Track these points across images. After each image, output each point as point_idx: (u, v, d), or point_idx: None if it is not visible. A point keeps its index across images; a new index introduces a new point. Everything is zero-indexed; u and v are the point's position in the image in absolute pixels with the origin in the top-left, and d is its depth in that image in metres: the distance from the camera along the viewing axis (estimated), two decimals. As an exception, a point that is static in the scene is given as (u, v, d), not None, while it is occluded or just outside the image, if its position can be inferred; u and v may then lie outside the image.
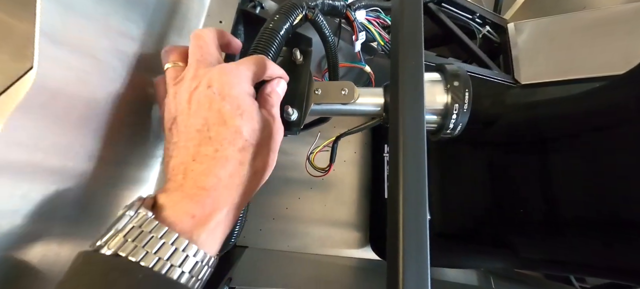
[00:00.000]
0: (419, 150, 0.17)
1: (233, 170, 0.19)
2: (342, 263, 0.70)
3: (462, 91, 0.29)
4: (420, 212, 0.16)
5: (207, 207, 0.18)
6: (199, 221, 0.17)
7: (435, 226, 0.76)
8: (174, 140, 0.19)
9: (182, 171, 0.18)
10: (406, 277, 0.14)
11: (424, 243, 0.15)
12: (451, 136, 0.33)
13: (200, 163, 0.18)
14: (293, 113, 0.30)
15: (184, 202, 0.18)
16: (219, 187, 0.18)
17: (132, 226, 0.16)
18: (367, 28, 0.48)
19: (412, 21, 0.21)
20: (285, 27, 0.27)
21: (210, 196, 0.18)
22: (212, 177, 0.18)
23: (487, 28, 0.68)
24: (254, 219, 0.70)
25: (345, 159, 0.82)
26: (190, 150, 0.18)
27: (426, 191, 0.17)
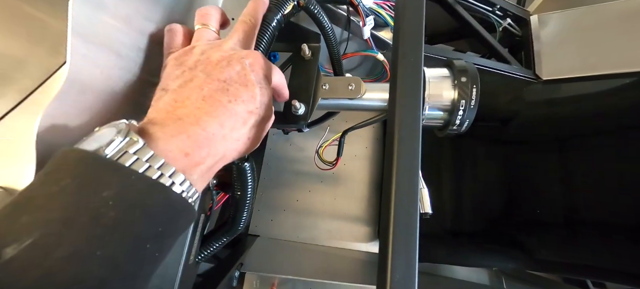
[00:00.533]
0: (413, 145, 0.17)
1: (235, 125, 0.19)
2: (350, 256, 0.71)
3: (469, 86, 0.29)
4: (411, 205, 0.16)
5: (203, 149, 0.18)
6: (192, 160, 0.17)
7: (447, 223, 0.75)
8: (186, 79, 0.19)
9: (186, 105, 0.18)
10: (394, 265, 0.15)
11: (413, 233, 0.16)
12: (458, 132, 0.32)
13: (209, 105, 0.18)
14: (300, 107, 0.31)
15: (181, 138, 0.17)
16: (218, 135, 0.18)
17: (120, 148, 0.15)
18: (378, 13, 0.48)
19: (414, 17, 0.21)
20: (276, 18, 0.28)
21: (208, 140, 0.18)
22: (216, 123, 0.18)
23: (508, 21, 0.65)
24: (265, 210, 0.72)
25: (356, 154, 0.82)
26: (204, 91, 0.18)
27: (418, 184, 0.17)
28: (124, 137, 0.15)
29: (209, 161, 0.18)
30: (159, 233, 0.14)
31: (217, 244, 0.33)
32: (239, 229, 0.32)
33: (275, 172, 0.76)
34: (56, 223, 0.12)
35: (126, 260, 0.13)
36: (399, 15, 0.22)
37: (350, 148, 0.81)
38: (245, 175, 0.30)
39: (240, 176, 0.30)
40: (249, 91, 0.20)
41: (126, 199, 0.13)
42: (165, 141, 0.16)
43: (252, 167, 0.30)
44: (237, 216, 0.31)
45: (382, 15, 0.48)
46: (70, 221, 0.12)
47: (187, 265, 0.28)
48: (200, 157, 0.18)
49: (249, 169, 0.30)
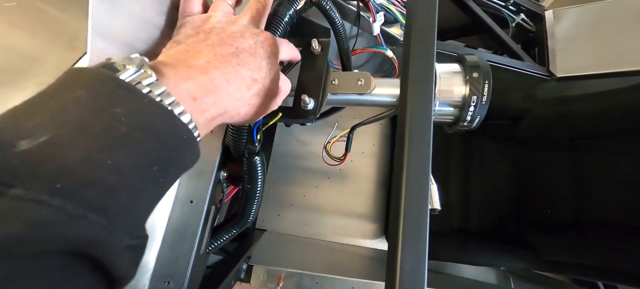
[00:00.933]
0: (424, 141, 0.17)
1: (239, 86, 0.20)
2: (356, 252, 0.71)
3: (481, 82, 0.28)
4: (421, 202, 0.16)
5: (209, 98, 0.18)
6: (198, 106, 0.17)
7: (455, 221, 0.75)
8: (200, 39, 0.20)
9: (198, 56, 0.19)
10: (403, 259, 0.15)
11: (423, 229, 0.16)
12: (469, 128, 0.32)
13: (219, 62, 0.19)
14: (309, 102, 0.32)
15: (190, 82, 0.17)
16: (223, 89, 0.19)
17: (133, 78, 0.15)
18: (388, 8, 0.47)
19: (426, 12, 0.21)
20: (288, 13, 0.28)
21: (214, 90, 0.18)
22: (223, 78, 0.19)
23: (521, 16, 0.64)
24: (272, 205, 0.73)
25: (364, 150, 0.82)
26: (216, 50, 0.20)
27: (428, 181, 0.17)
28: (139, 69, 0.15)
29: (213, 110, 0.19)
30: (165, 158, 0.15)
31: (227, 236, 0.33)
32: (248, 222, 0.33)
33: (282, 167, 0.77)
34: (70, 127, 0.12)
35: (133, 175, 0.13)
36: (411, 9, 0.22)
37: (357, 145, 0.81)
38: (256, 169, 0.30)
39: (250, 170, 0.30)
40: (256, 61, 0.21)
41: (137, 118, 0.14)
42: (176, 82, 0.17)
43: (262, 161, 0.30)
44: (246, 209, 0.32)
45: (392, 11, 0.48)
46: (84, 128, 0.12)
47: (198, 256, 0.29)
48: (206, 104, 0.18)
49: (259, 163, 0.30)
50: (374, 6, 0.40)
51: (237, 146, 0.29)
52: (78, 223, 0.11)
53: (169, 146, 0.15)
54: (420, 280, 0.15)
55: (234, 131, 0.29)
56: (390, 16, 0.49)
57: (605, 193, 0.57)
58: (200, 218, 0.28)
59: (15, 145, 0.11)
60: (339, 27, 0.35)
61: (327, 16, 0.34)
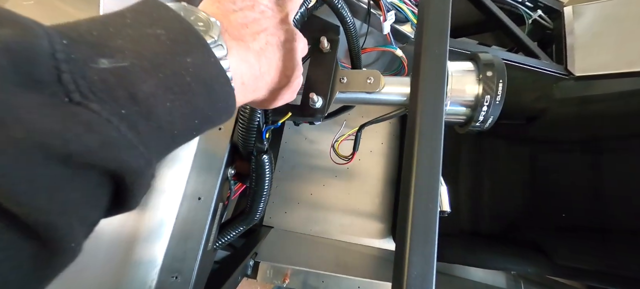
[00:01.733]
0: (435, 140, 0.17)
1: (275, 78, 0.21)
2: (363, 251, 0.71)
3: (495, 81, 0.27)
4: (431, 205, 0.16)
5: (252, 84, 0.19)
6: (243, 90, 0.18)
7: (464, 223, 0.73)
8: (255, 16, 0.20)
9: (256, 39, 0.19)
10: (411, 261, 0.14)
11: (432, 232, 0.15)
12: (481, 129, 0.31)
13: (270, 51, 0.20)
14: (318, 100, 0.31)
15: (245, 66, 0.18)
16: (263, 79, 0.20)
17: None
18: (399, 7, 0.46)
19: (440, 8, 0.20)
20: (300, 11, 0.28)
21: (259, 78, 0.19)
22: (267, 67, 0.20)
23: (538, 13, 0.62)
24: (279, 202, 0.74)
25: (372, 149, 0.81)
26: (269, 36, 0.20)
27: (439, 182, 0.17)
28: (216, 39, 0.16)
29: (248, 96, 0.20)
30: (208, 116, 0.16)
31: (234, 233, 0.33)
32: (255, 219, 0.33)
33: (289, 165, 0.77)
34: (147, 61, 0.13)
35: (179, 120, 0.14)
36: (425, 5, 0.21)
37: (365, 143, 0.81)
38: (264, 167, 0.30)
39: (258, 168, 0.30)
40: (293, 58, 0.22)
41: (202, 73, 0.14)
42: (237, 63, 0.18)
43: (270, 159, 0.30)
44: (253, 206, 0.32)
45: (403, 10, 0.47)
46: (158, 66, 0.13)
47: (206, 251, 0.29)
48: (248, 90, 0.19)
49: (268, 161, 0.30)
50: (385, 5, 0.40)
51: (246, 144, 0.29)
52: (131, 151, 0.12)
53: (215, 106, 0.16)
54: (428, 284, 0.15)
55: (244, 130, 0.29)
56: (401, 15, 0.48)
57: (626, 197, 0.54)
58: (208, 215, 0.28)
59: (97, 61, 0.12)
60: (350, 26, 0.35)
61: (338, 14, 0.34)
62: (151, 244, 0.28)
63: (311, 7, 0.29)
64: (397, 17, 0.47)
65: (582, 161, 0.60)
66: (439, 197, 0.26)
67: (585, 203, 0.59)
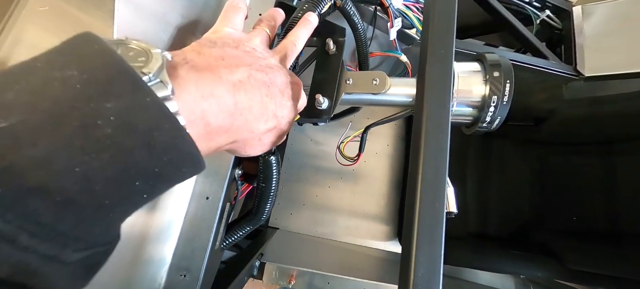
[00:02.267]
0: (442, 142, 0.17)
1: (259, 117, 0.19)
2: (368, 253, 0.70)
3: (502, 82, 0.27)
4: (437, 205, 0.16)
5: (226, 124, 0.16)
6: (209, 133, 0.16)
7: (472, 225, 0.72)
8: (239, 54, 0.19)
9: (232, 71, 0.17)
10: (417, 263, 0.15)
11: (439, 233, 0.15)
12: (488, 130, 0.31)
13: (252, 86, 0.18)
14: (324, 102, 0.32)
15: (209, 102, 0.15)
16: (243, 117, 0.17)
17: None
18: (405, 14, 0.47)
19: (445, 8, 0.20)
20: None
21: (234, 115, 0.17)
22: (247, 104, 0.17)
23: (546, 13, 0.61)
24: (285, 204, 0.74)
25: (377, 151, 0.81)
26: (252, 72, 0.18)
27: (445, 181, 0.17)
28: (154, 74, 0.13)
29: (222, 139, 0.17)
30: (155, 173, 0.12)
31: (241, 233, 0.34)
32: (261, 219, 0.33)
33: (295, 166, 0.77)
34: (42, 114, 0.10)
35: (105, 190, 0.11)
36: (430, 5, 0.21)
37: (371, 145, 0.80)
38: (271, 168, 0.31)
39: (265, 168, 0.31)
40: (283, 100, 0.21)
41: (131, 120, 0.11)
42: (195, 100, 0.14)
43: (277, 160, 0.31)
44: (260, 206, 0.32)
45: (409, 17, 0.47)
46: (58, 117, 0.10)
47: (213, 250, 0.29)
48: (218, 133, 0.16)
49: (275, 162, 0.31)
50: (392, 12, 0.40)
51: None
52: (8, 245, 0.09)
53: (164, 161, 0.12)
54: (434, 284, 0.15)
55: None
56: (407, 21, 0.49)
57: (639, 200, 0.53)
58: (216, 214, 0.29)
59: None
60: (360, 32, 0.35)
61: (349, 21, 0.34)
62: (160, 243, 0.28)
63: (324, 13, 0.29)
64: (403, 23, 0.47)
65: (593, 163, 0.58)
66: (445, 198, 0.26)
67: (598, 206, 0.58)
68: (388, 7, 0.39)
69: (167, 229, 0.28)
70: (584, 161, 0.60)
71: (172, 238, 0.28)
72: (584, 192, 0.60)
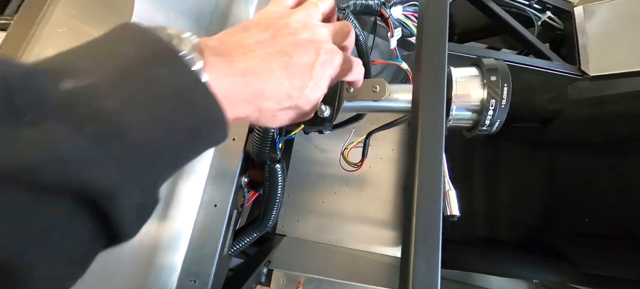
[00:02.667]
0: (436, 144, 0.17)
1: (272, 97, 0.19)
2: (377, 259, 0.70)
3: (499, 86, 0.28)
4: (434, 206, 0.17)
5: (241, 97, 0.18)
6: (229, 105, 0.17)
7: (481, 229, 0.71)
8: (263, 36, 0.20)
9: (247, 57, 0.18)
10: (416, 262, 0.15)
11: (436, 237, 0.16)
12: (488, 132, 0.31)
13: (263, 68, 0.18)
14: (325, 110, 0.33)
15: (228, 80, 0.17)
16: (258, 98, 0.18)
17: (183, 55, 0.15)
18: (405, 24, 0.48)
19: (437, 18, 0.21)
20: None
21: (250, 99, 0.18)
22: (259, 86, 0.18)
23: (547, 14, 0.61)
24: (291, 211, 0.75)
25: (382, 156, 0.81)
26: (268, 53, 0.19)
27: (441, 181, 0.17)
28: (187, 52, 0.15)
29: (239, 111, 0.18)
30: (194, 130, 0.15)
31: (248, 239, 0.35)
32: (267, 225, 0.34)
33: (301, 173, 0.78)
34: (113, 76, 0.12)
35: (159, 136, 0.13)
36: (422, 17, 0.22)
37: (376, 151, 0.81)
38: (276, 175, 0.32)
39: (271, 176, 0.32)
40: (303, 80, 0.20)
41: (176, 84, 0.14)
42: (216, 77, 0.16)
43: (282, 168, 0.32)
44: (266, 213, 0.33)
45: (409, 27, 0.48)
46: (125, 79, 0.12)
47: (222, 257, 0.30)
48: (236, 104, 0.18)
49: (280, 170, 0.32)
50: (392, 22, 0.41)
51: (260, 154, 0.31)
52: (94, 169, 0.11)
53: (200, 118, 0.15)
54: (433, 285, 0.16)
55: (258, 140, 0.30)
56: (407, 31, 0.50)
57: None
58: (224, 221, 0.30)
59: (59, 83, 0.11)
60: (362, 44, 0.36)
61: None
62: (171, 251, 0.29)
63: None
64: (403, 33, 0.48)
65: (604, 164, 0.57)
66: (446, 200, 0.27)
67: (610, 208, 0.57)
68: (388, 17, 0.40)
69: (178, 238, 0.30)
70: (591, 161, 0.59)
71: (182, 246, 0.30)
72: (595, 193, 0.59)
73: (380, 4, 0.39)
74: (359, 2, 0.35)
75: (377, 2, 0.39)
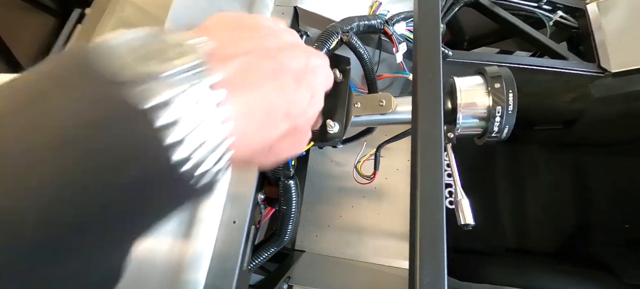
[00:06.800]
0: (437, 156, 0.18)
1: (266, 122, 0.15)
2: (397, 274, 0.68)
3: (504, 92, 0.28)
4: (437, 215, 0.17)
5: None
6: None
7: (509, 240, 0.68)
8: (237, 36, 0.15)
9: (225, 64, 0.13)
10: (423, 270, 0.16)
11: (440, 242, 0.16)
12: (499, 139, 0.31)
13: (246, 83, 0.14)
14: (334, 126, 0.34)
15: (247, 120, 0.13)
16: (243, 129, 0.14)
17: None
18: (409, 38, 0.49)
19: (429, 36, 0.22)
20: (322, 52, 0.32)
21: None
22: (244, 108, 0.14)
23: (559, 14, 0.60)
24: (310, 226, 0.75)
25: (398, 167, 0.80)
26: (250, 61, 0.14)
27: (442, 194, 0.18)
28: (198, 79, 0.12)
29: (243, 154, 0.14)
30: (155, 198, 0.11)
31: (266, 254, 0.36)
32: (284, 240, 0.35)
33: (317, 188, 0.79)
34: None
35: None
36: (417, 36, 0.24)
37: (391, 162, 0.80)
38: (290, 191, 0.33)
39: (285, 192, 0.33)
40: (299, 92, 0.16)
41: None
42: None
43: (296, 184, 0.33)
44: (283, 228, 0.35)
45: (413, 41, 0.49)
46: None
47: (242, 271, 0.32)
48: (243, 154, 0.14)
49: (293, 185, 0.33)
50: (396, 38, 0.43)
51: (274, 171, 0.33)
52: None
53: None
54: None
55: None
56: (411, 44, 0.51)
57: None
58: (242, 237, 0.31)
59: None
60: (366, 62, 0.38)
61: (356, 53, 0.38)
62: (195, 267, 0.31)
63: (332, 48, 0.33)
64: (408, 47, 0.49)
65: (636, 163, 0.54)
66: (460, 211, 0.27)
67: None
68: (391, 34, 0.42)
69: (201, 253, 0.32)
70: (624, 161, 0.55)
71: (204, 262, 0.31)
72: (633, 196, 0.55)
73: (383, 22, 0.41)
74: (362, 22, 0.37)
75: (380, 20, 0.41)
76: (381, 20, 0.41)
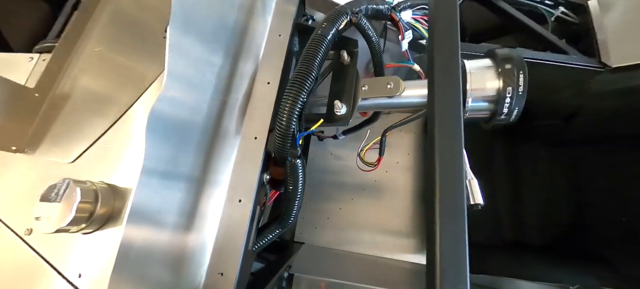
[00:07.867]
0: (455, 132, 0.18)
1: None
2: (397, 265, 0.68)
3: (515, 73, 0.28)
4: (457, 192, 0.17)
5: None
6: None
7: (507, 233, 0.68)
8: None
9: None
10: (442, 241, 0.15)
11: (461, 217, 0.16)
12: (507, 122, 0.31)
13: None
14: (342, 107, 0.34)
15: None
16: None
17: None
18: (415, 27, 0.49)
19: (448, 13, 0.22)
20: (331, 32, 0.31)
21: None
22: None
23: (560, 9, 0.60)
24: (309, 218, 0.75)
25: (399, 160, 0.80)
26: None
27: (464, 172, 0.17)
28: None
29: None
30: None
31: (271, 235, 0.36)
32: (289, 221, 0.35)
33: (317, 181, 0.79)
34: None
35: None
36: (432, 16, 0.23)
37: (392, 156, 0.80)
38: (297, 171, 0.33)
39: (293, 172, 0.33)
40: None
41: None
42: None
43: (303, 163, 0.33)
44: (288, 208, 0.34)
45: (419, 30, 0.49)
46: None
47: (247, 252, 0.31)
48: None
49: (301, 165, 0.33)
50: (403, 25, 0.43)
51: (281, 151, 0.32)
52: None
53: None
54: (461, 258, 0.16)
55: (279, 138, 0.31)
56: (417, 33, 0.51)
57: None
58: (248, 216, 0.31)
59: None
60: (375, 44, 0.38)
61: (365, 35, 0.37)
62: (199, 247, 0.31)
63: (341, 29, 0.33)
64: (413, 35, 0.49)
65: (634, 158, 0.54)
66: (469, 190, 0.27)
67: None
68: (398, 21, 0.42)
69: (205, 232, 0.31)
70: (623, 156, 0.56)
71: (210, 240, 0.31)
72: (630, 189, 0.56)
73: (390, 8, 0.41)
74: (371, 6, 0.37)
75: (387, 6, 0.41)
76: (388, 6, 0.41)
